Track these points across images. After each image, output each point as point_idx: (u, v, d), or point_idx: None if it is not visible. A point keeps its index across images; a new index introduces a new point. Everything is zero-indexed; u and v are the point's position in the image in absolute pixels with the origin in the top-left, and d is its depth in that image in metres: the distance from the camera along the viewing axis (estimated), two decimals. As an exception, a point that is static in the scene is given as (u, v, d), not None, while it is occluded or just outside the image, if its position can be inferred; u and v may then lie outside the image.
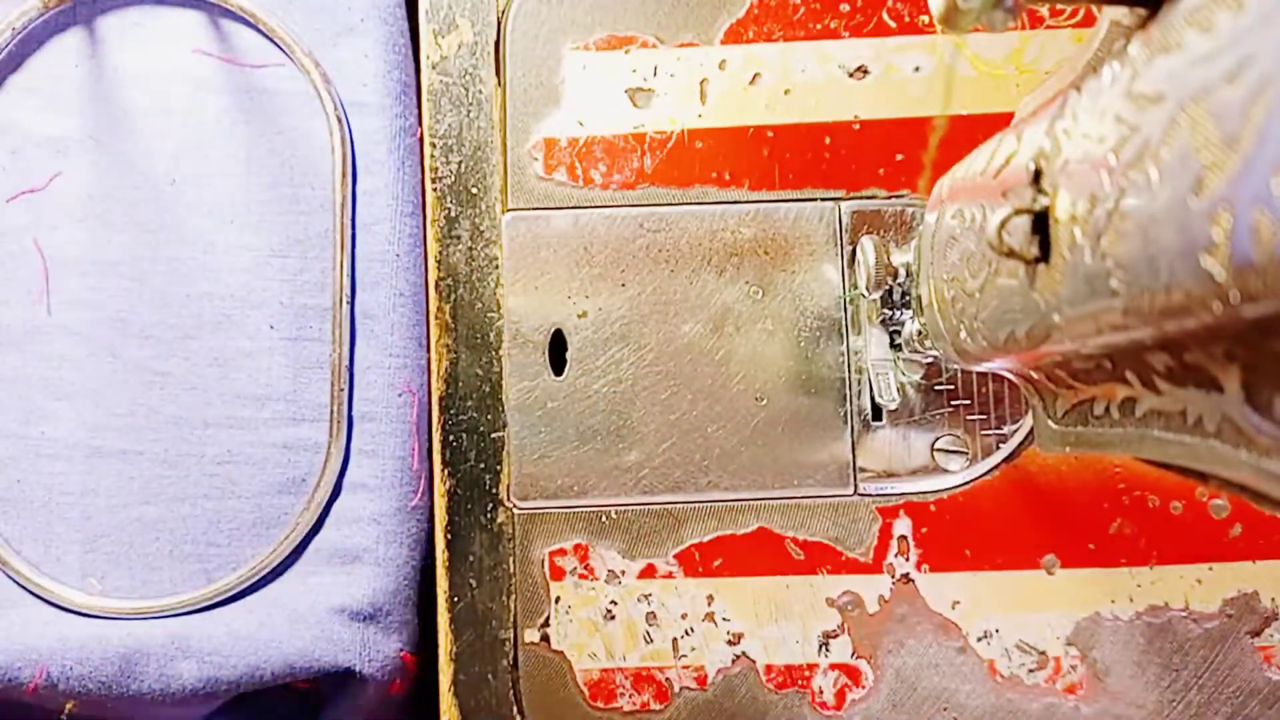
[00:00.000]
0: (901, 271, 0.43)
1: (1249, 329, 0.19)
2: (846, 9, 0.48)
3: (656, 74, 0.49)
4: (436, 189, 0.49)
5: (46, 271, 0.49)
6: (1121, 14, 0.25)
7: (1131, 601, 0.46)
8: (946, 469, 0.47)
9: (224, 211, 0.49)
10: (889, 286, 0.43)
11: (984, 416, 0.47)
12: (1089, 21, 0.48)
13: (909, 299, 0.44)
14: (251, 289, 0.49)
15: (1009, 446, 0.47)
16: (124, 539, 0.48)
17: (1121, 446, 0.28)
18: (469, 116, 0.49)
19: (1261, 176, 0.17)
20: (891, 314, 0.46)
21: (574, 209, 0.48)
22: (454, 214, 0.49)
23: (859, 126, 0.48)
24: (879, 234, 0.47)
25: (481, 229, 0.49)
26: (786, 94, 0.48)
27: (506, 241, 0.48)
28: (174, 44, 0.50)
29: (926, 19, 0.48)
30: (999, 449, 0.47)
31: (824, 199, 0.48)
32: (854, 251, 0.47)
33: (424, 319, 0.50)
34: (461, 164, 0.49)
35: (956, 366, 0.47)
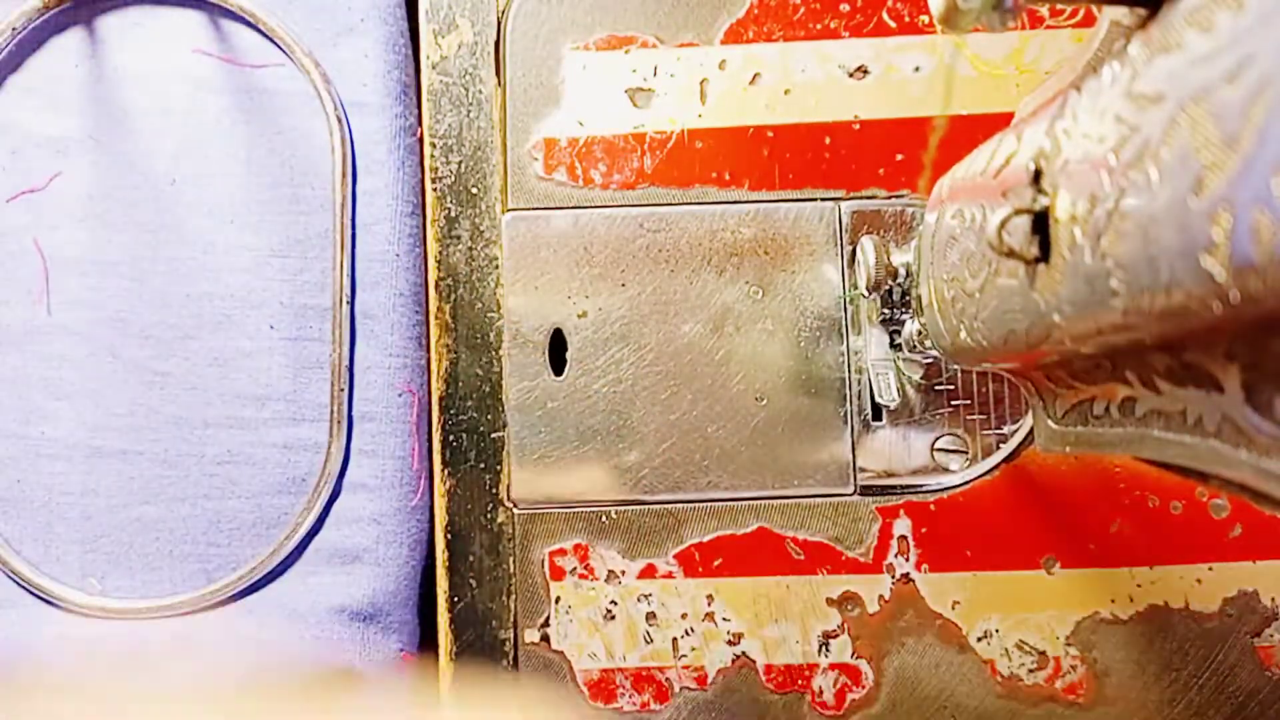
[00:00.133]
0: (901, 271, 0.42)
1: (1249, 329, 0.19)
2: (846, 9, 0.48)
3: (656, 74, 0.49)
4: (436, 189, 0.49)
5: (46, 271, 0.49)
6: (1121, 14, 0.25)
7: (1131, 601, 0.46)
8: (946, 469, 0.47)
9: (224, 211, 0.49)
10: (889, 286, 0.43)
11: (984, 416, 0.47)
12: (1089, 21, 0.48)
13: (909, 299, 0.44)
14: (251, 289, 0.49)
15: (1009, 446, 0.47)
16: (124, 539, 0.48)
17: (1121, 446, 0.28)
18: (469, 116, 0.49)
19: (1261, 176, 0.17)
20: (891, 314, 0.46)
21: (574, 209, 0.48)
22: (454, 214, 0.49)
23: (859, 126, 0.48)
24: (879, 234, 0.47)
25: (481, 229, 0.49)
26: (786, 94, 0.48)
27: (506, 241, 0.48)
28: (174, 44, 0.50)
29: (926, 19, 0.48)
30: (999, 449, 0.47)
31: (824, 199, 0.48)
32: (854, 251, 0.47)
33: (424, 319, 0.50)
34: (461, 164, 0.49)
35: (956, 366, 0.47)
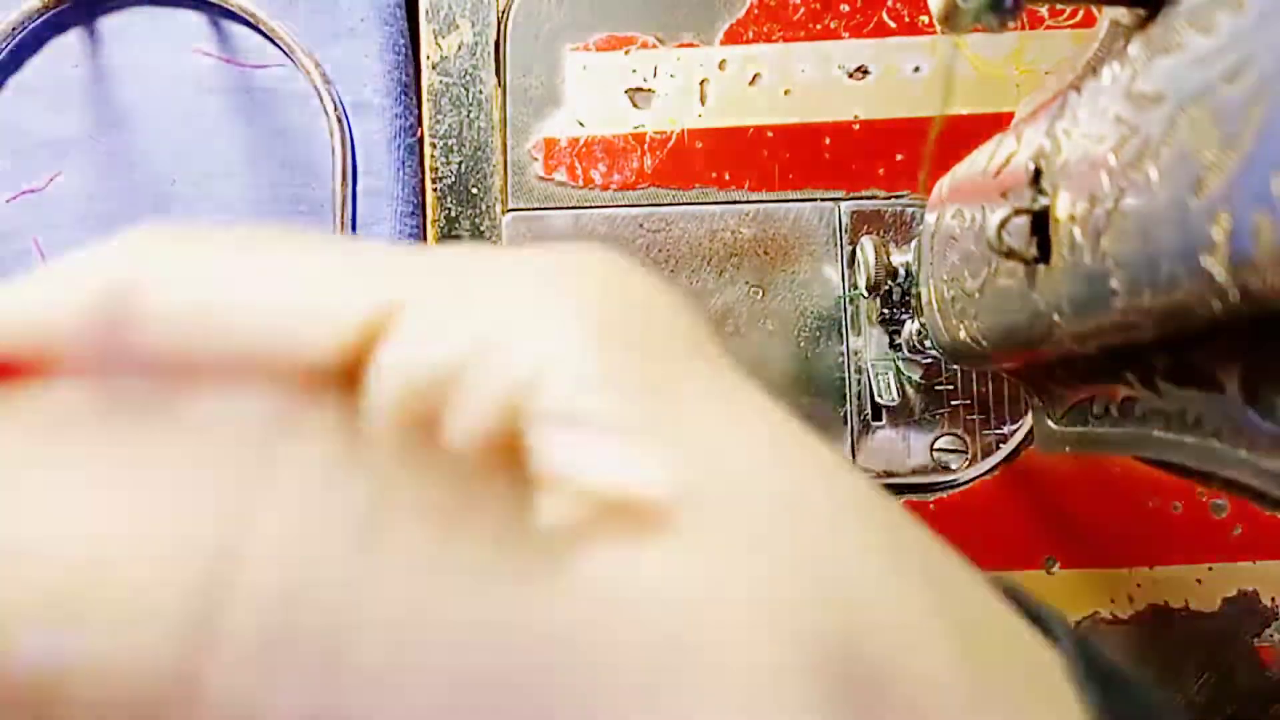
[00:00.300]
0: (901, 271, 0.42)
1: (1249, 329, 0.19)
2: (846, 9, 0.48)
3: (656, 74, 0.49)
4: (437, 189, 0.49)
5: (46, 271, 0.49)
6: (1121, 14, 0.25)
7: (1131, 602, 0.46)
8: (946, 469, 0.47)
9: (224, 212, 0.49)
10: (889, 286, 0.43)
11: (984, 416, 0.47)
12: (1089, 21, 0.48)
13: (909, 299, 0.44)
14: (251, 289, 0.49)
15: (1009, 446, 0.47)
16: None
17: (1121, 446, 0.28)
18: (469, 116, 0.49)
19: (1261, 176, 0.17)
20: (891, 314, 0.46)
21: (574, 209, 0.48)
22: (454, 214, 0.49)
23: (859, 126, 0.48)
24: (879, 234, 0.47)
25: (481, 229, 0.49)
26: (786, 94, 0.48)
27: (506, 241, 0.48)
28: (174, 44, 0.50)
29: (926, 19, 0.48)
30: (999, 449, 0.47)
31: (824, 199, 0.48)
32: (854, 251, 0.47)
33: (424, 319, 0.49)
34: (461, 164, 0.49)
35: (956, 366, 0.47)
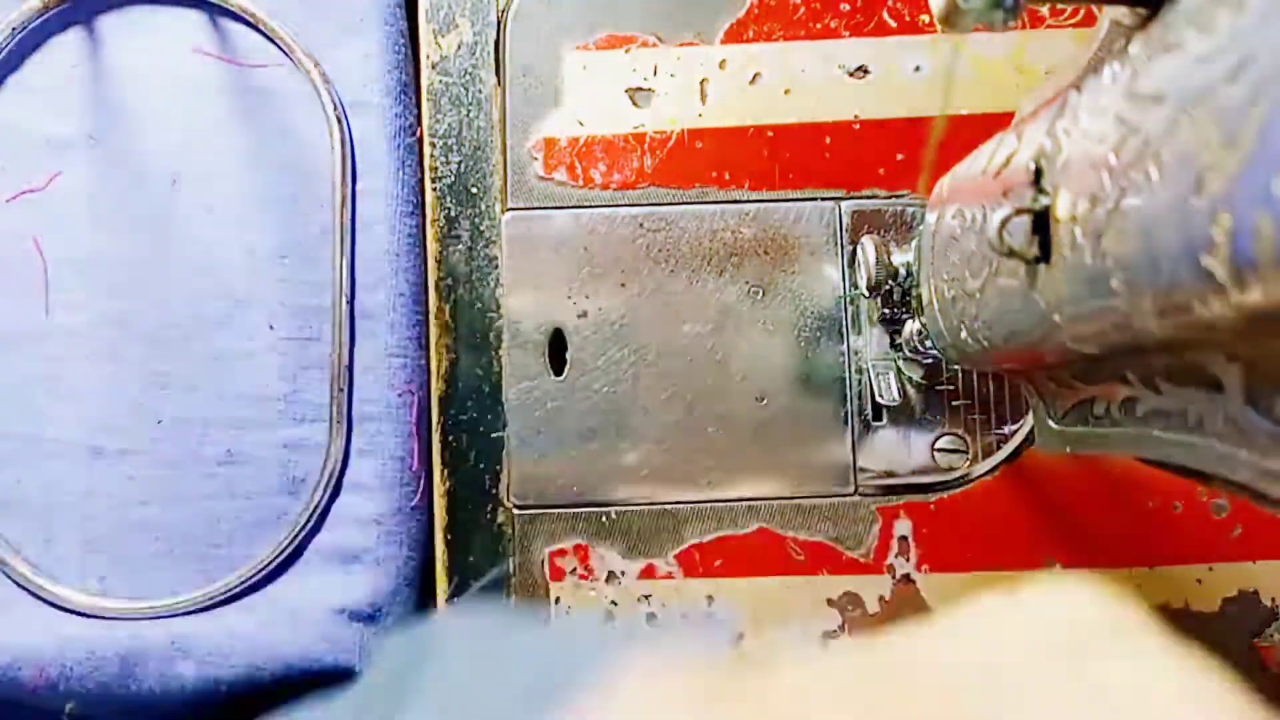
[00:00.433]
0: (901, 271, 0.42)
1: (1249, 329, 0.19)
2: (846, 9, 0.48)
3: (656, 74, 0.49)
4: (436, 189, 0.49)
5: (46, 271, 0.49)
6: (1121, 14, 0.25)
7: (1131, 601, 0.46)
8: (947, 469, 0.47)
9: (224, 211, 0.49)
10: (889, 286, 0.43)
11: (984, 416, 0.47)
12: (1089, 21, 0.48)
13: (909, 299, 0.44)
14: (251, 289, 0.49)
15: (1009, 446, 0.47)
16: (124, 539, 0.48)
17: (1122, 446, 0.28)
18: (469, 116, 0.49)
19: (1262, 176, 0.17)
20: (891, 314, 0.46)
21: (574, 209, 0.48)
22: (454, 214, 0.49)
23: (859, 126, 0.48)
24: (879, 234, 0.47)
25: (481, 229, 0.49)
26: (786, 94, 0.48)
27: (506, 241, 0.48)
28: (174, 44, 0.50)
29: (926, 19, 0.48)
30: (999, 449, 0.47)
31: (824, 199, 0.48)
32: (854, 251, 0.47)
33: (424, 319, 0.49)
34: (461, 164, 0.49)
35: (956, 366, 0.47)
